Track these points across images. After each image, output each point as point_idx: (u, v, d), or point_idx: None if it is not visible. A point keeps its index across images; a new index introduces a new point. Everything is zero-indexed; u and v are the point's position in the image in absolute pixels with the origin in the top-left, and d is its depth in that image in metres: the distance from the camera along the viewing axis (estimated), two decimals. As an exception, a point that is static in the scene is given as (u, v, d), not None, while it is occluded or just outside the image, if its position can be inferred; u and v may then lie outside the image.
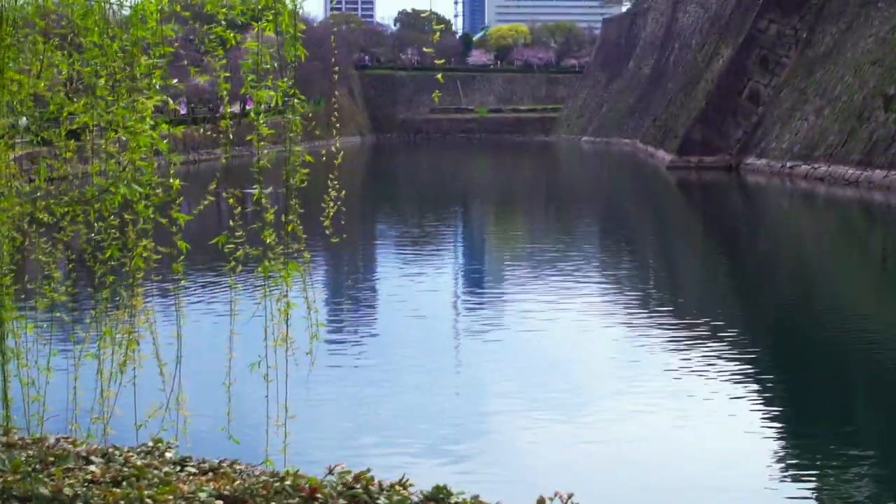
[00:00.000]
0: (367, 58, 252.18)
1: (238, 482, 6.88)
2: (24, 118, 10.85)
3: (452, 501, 6.62)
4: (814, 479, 15.47)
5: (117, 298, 10.67)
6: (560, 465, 15.94)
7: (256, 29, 9.90)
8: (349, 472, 7.01)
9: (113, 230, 10.17)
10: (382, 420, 18.17)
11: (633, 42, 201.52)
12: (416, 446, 16.40)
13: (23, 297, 11.66)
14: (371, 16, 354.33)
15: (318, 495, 6.59)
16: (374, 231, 50.81)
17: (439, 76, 23.71)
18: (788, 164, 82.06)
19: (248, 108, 11.30)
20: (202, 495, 6.48)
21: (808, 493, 14.72)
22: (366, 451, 15.67)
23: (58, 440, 8.43)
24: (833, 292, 35.12)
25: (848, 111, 78.22)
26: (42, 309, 11.12)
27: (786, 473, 15.65)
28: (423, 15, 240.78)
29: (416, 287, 34.59)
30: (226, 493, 6.60)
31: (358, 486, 6.78)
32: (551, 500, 6.51)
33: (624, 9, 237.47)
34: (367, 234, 47.81)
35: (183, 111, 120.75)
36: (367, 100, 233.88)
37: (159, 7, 9.59)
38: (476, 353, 24.31)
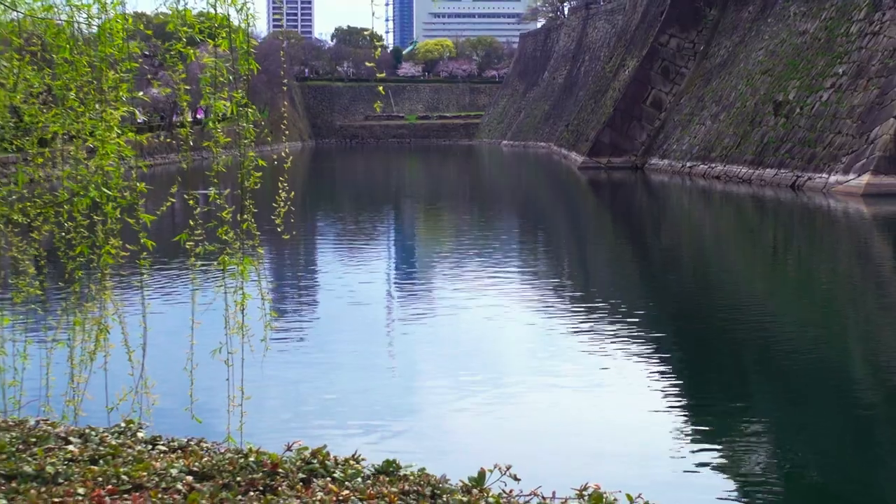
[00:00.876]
0: (306, 70, 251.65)
1: (206, 459, 6.85)
2: (-1, 126, 10.74)
3: (401, 474, 6.62)
4: (711, 444, 15.62)
5: (87, 291, 10.60)
6: (489, 436, 16.01)
7: (212, 45, 9.86)
8: (306, 448, 6.99)
9: (83, 229, 10.11)
10: (329, 399, 18.15)
11: (547, 55, 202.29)
12: (360, 423, 16.38)
13: (-1, 291, 11.50)
14: (310, 31, 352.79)
15: (280, 470, 6.58)
16: (318, 228, 50.64)
17: (381, 88, 23.92)
18: (688, 164, 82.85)
19: (200, 116, 11.25)
20: (173, 471, 6.45)
21: (706, 457, 14.86)
22: (316, 427, 15.66)
23: (37, 422, 8.35)
24: (729, 278, 35.42)
25: (741, 116, 79.09)
26: (18, 302, 11.00)
27: (687, 440, 15.79)
28: (364, 33, 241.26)
29: (355, 278, 34.55)
30: (195, 469, 6.58)
31: (315, 461, 6.76)
32: (490, 471, 6.52)
33: (539, 24, 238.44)
34: (311, 231, 47.67)
35: (140, 119, 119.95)
36: (308, 108, 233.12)
37: (125, 26, 9.52)
38: (408, 337, 24.39)
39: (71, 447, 7.24)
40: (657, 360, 21.67)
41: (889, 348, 23.17)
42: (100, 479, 6.40)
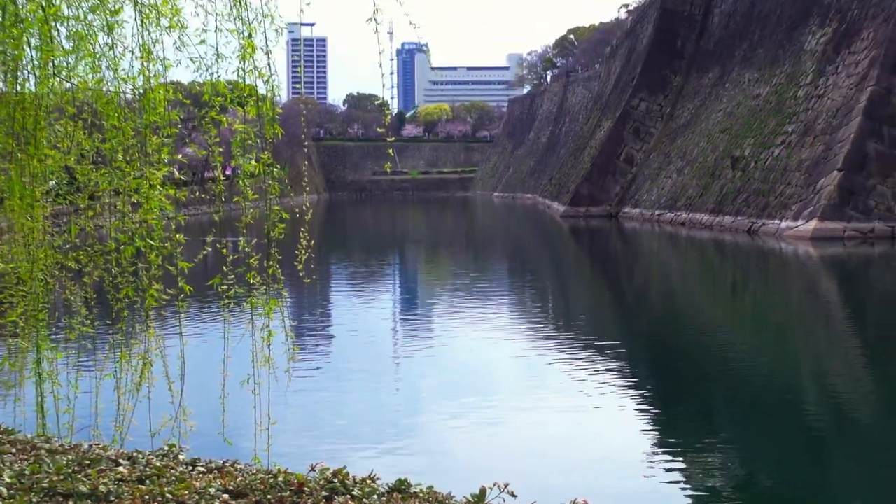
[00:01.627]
0: (321, 131, 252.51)
1: (240, 479, 6.85)
2: (53, 181, 10.79)
3: (412, 491, 6.61)
4: (679, 458, 15.61)
5: (132, 329, 10.60)
6: (486, 453, 15.96)
7: (241, 112, 9.94)
8: (328, 468, 6.99)
9: (128, 275, 10.13)
10: (344, 423, 18.10)
11: (532, 117, 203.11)
12: (372, 444, 16.32)
13: (54, 329, 11.49)
14: (325, 97, 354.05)
15: (305, 489, 6.57)
16: (334, 271, 50.64)
17: (390, 151, 24.03)
18: (657, 212, 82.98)
19: (228, 173, 11.32)
20: (211, 490, 6.46)
21: (675, 469, 14.83)
22: (334, 448, 15.59)
23: (90, 446, 8.33)
24: (693, 312, 35.42)
25: (703, 170, 79.32)
26: (71, 339, 11.01)
27: (658, 455, 15.76)
28: (376, 102, 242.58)
29: (365, 316, 34.60)
30: (230, 488, 6.58)
31: (336, 480, 6.76)
32: (490, 489, 6.51)
33: (525, 91, 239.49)
34: (328, 274, 47.65)
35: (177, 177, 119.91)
36: (322, 164, 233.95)
37: (165, 96, 9.57)
38: (412, 366, 24.32)
39: (120, 468, 7.23)
40: (630, 386, 21.67)
41: (834, 372, 23.18)
42: (147, 497, 6.39)
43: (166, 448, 8.14)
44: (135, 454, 7.87)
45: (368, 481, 6.84)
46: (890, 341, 27.67)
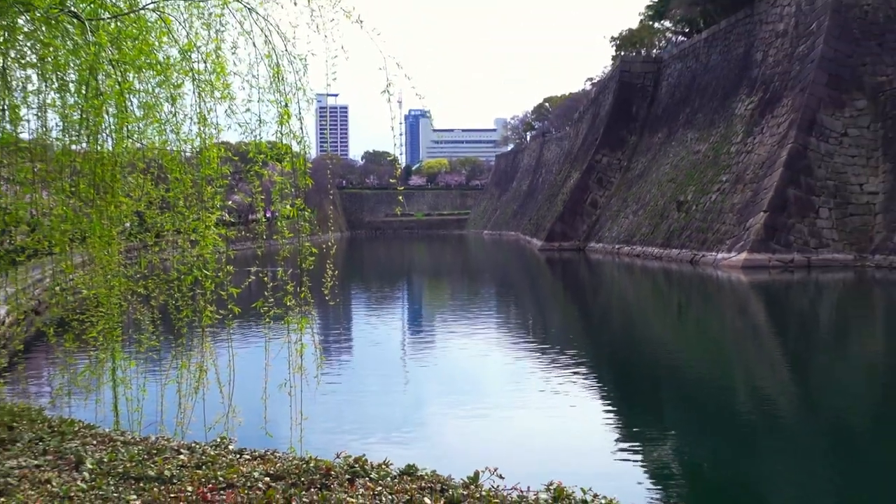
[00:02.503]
0: (343, 181, 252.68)
1: (279, 464, 6.86)
2: (127, 223, 10.82)
3: (419, 474, 6.63)
4: (637, 446, 15.58)
5: (190, 343, 10.61)
6: (478, 442, 15.91)
7: (279, 167, 10.00)
8: (350, 456, 7.00)
9: (187, 298, 10.14)
10: (362, 418, 18.06)
11: (515, 169, 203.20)
12: (386, 435, 16.29)
13: (127, 343, 11.50)
14: (346, 154, 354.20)
15: (332, 472, 6.59)
16: (353, 295, 50.55)
17: (400, 198, 24.10)
18: (616, 246, 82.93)
19: (268, 215, 11.37)
20: (255, 474, 6.47)
21: (633, 456, 14.80)
22: (355, 439, 15.55)
23: (157, 438, 8.34)
24: (647, 327, 35.36)
25: (654, 211, 79.42)
26: (140, 351, 11.00)
27: (619, 443, 15.73)
28: (388, 158, 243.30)
29: (379, 330, 34.63)
30: (271, 472, 6.60)
31: (357, 465, 6.77)
32: (482, 472, 6.53)
33: (509, 148, 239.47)
34: (348, 297, 47.57)
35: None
36: (344, 208, 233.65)
37: (218, 154, 9.63)
38: (417, 372, 24.28)
39: (181, 456, 7.24)
40: (596, 388, 21.65)
41: (759, 375, 23.18)
42: (203, 480, 6.40)
43: (218, 440, 8.15)
44: (193, 445, 7.88)
45: (383, 466, 6.86)
46: (805, 350, 27.75)
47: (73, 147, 9.37)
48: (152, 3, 9.15)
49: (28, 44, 8.73)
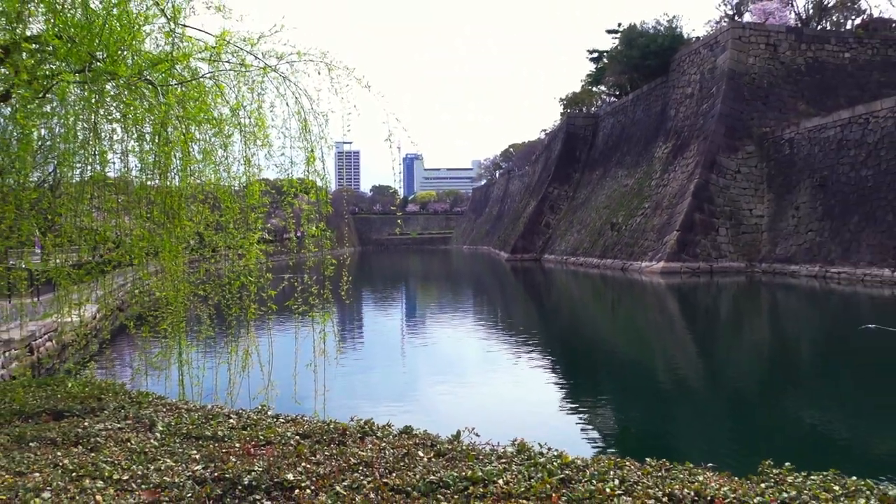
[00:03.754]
0: (355, 209, 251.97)
1: (306, 426, 6.80)
2: (190, 241, 10.77)
3: (414, 433, 6.59)
4: (584, 410, 15.56)
5: (238, 333, 10.53)
6: (460, 409, 15.88)
7: (306, 197, 9.97)
8: (361, 419, 6.94)
9: (236, 298, 10.08)
10: (369, 390, 18.00)
11: (487, 199, 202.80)
12: (388, 403, 16.23)
13: (189, 333, 11.41)
14: (358, 188, 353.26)
15: (347, 432, 6.54)
16: (363, 294, 50.41)
17: (399, 221, 24.23)
18: (565, 257, 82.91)
19: (298, 234, 11.33)
20: (288, 434, 6.41)
21: (581, 417, 14.78)
22: (364, 405, 15.47)
23: (212, 406, 8.26)
24: (587, 317, 35.42)
25: (593, 231, 79.52)
26: (200, 339, 10.92)
27: (569, 407, 15.73)
28: (390, 191, 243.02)
29: (384, 322, 34.64)
30: (300, 432, 6.53)
31: (366, 426, 6.73)
32: (463, 431, 6.49)
33: (482, 182, 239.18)
34: (360, 296, 47.45)
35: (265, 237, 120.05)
36: (356, 229, 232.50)
37: (259, 188, 9.60)
38: (413, 353, 24.26)
39: (231, 420, 7.17)
40: (549, 364, 21.64)
41: (675, 353, 23.22)
42: (247, 438, 6.34)
43: (260, 407, 8.10)
44: (240, 411, 7.82)
45: (387, 427, 6.82)
46: (708, 333, 27.88)
47: (149, 183, 9.32)
48: (209, 73, 9.13)
49: (114, 104, 8.68)
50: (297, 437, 6.33)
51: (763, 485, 5.10)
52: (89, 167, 8.49)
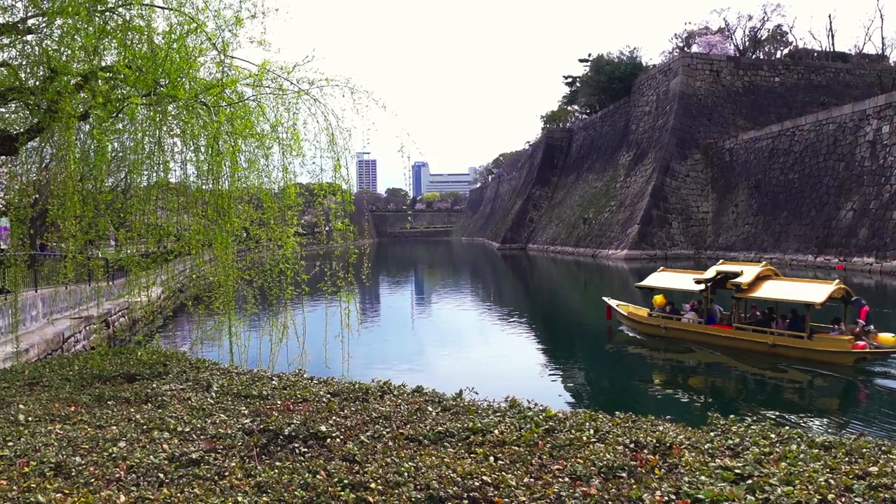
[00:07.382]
0: (373, 207, 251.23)
1: (335, 386, 6.76)
2: (238, 234, 10.71)
3: (425, 391, 6.56)
4: (558, 372, 15.53)
5: (278, 310, 10.49)
6: (461, 372, 15.85)
7: (333, 198, 9.89)
8: (381, 380, 6.90)
9: (276, 281, 10.03)
10: (387, 356, 17.97)
11: (481, 199, 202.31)
12: (402, 366, 16.21)
13: (238, 310, 11.37)
14: (375, 189, 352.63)
15: (369, 391, 6.51)
16: (380, 278, 50.37)
17: (409, 217, 24.24)
18: (545, 246, 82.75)
19: (327, 228, 11.27)
20: (321, 392, 6.38)
21: (557, 377, 14.76)
22: (383, 368, 15.47)
23: (257, 370, 8.23)
24: (564, 294, 35.35)
25: (569, 225, 79.30)
26: (246, 315, 10.88)
27: (549, 370, 15.70)
28: (402, 193, 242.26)
29: (398, 300, 34.57)
30: (331, 392, 6.50)
31: (385, 386, 6.68)
32: (465, 390, 6.47)
33: (478, 185, 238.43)
34: (377, 279, 47.39)
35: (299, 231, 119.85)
36: (374, 224, 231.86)
37: (295, 191, 9.54)
38: (421, 326, 24.24)
39: (273, 382, 7.13)
40: (534, 332, 21.60)
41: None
42: (287, 396, 6.31)
43: (297, 371, 8.05)
44: (281, 374, 7.79)
45: (402, 387, 6.78)
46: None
47: (203, 187, 9.26)
48: (253, 96, 9.09)
49: (174, 122, 8.64)
50: (328, 396, 6.31)
51: (712, 433, 5.08)
52: (154, 174, 8.46)
